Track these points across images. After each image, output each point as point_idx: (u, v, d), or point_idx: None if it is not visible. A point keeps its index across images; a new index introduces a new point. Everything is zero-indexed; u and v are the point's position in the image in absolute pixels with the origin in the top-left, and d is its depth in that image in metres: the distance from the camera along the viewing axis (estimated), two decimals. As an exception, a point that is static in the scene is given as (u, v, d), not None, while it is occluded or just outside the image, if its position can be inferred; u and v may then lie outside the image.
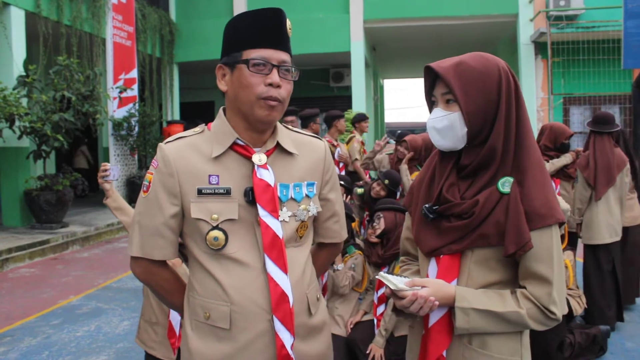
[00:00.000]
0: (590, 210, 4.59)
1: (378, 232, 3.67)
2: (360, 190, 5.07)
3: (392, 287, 1.51)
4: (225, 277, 1.54)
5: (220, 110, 1.65)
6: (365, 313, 3.76)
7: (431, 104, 1.65)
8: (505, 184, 1.52)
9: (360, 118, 8.05)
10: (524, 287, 1.52)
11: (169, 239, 1.58)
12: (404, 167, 5.13)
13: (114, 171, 2.96)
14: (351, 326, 3.67)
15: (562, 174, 5.12)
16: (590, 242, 4.60)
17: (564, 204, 3.48)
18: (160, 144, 1.60)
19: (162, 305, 2.89)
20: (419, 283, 1.52)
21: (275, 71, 1.53)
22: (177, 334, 2.85)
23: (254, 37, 1.53)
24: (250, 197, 1.54)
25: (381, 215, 3.70)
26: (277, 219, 1.55)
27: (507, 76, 1.55)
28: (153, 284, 1.66)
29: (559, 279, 1.50)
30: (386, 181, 4.68)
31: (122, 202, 2.98)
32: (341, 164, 7.10)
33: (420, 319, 1.63)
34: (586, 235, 4.61)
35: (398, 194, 4.99)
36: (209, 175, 1.55)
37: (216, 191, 1.54)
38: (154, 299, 2.91)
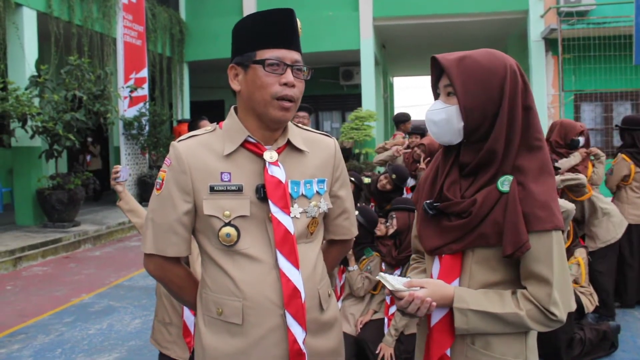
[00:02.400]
0: None
1: (390, 231, 3.66)
2: (367, 180, 5.08)
3: (390, 287, 1.51)
4: (238, 273, 1.55)
5: (232, 109, 1.67)
6: (375, 312, 3.76)
7: (436, 95, 1.65)
8: (505, 183, 1.50)
9: (404, 119, 8.30)
10: (526, 288, 1.51)
11: (182, 236, 1.60)
12: (422, 170, 5.15)
13: (123, 172, 2.98)
14: (361, 325, 3.68)
15: (570, 171, 5.10)
16: None
17: (567, 204, 3.47)
18: (173, 142, 1.62)
19: (175, 305, 2.91)
20: (417, 284, 1.52)
21: (289, 71, 1.55)
22: (192, 333, 2.86)
23: (268, 37, 1.55)
24: (261, 194, 1.55)
25: (394, 215, 3.69)
26: (289, 215, 1.57)
27: (515, 76, 1.52)
28: (166, 281, 1.68)
29: (560, 280, 1.48)
30: (393, 176, 4.68)
31: (134, 204, 3.00)
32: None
33: (425, 318, 1.63)
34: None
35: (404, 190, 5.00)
36: (221, 173, 1.56)
37: (228, 188, 1.56)
38: (167, 299, 2.93)
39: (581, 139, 4.93)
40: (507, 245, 1.46)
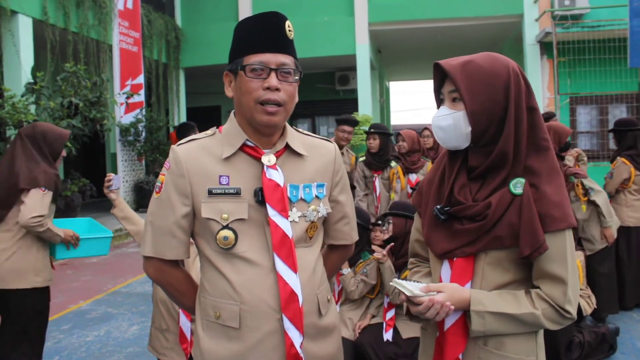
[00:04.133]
0: None
1: (386, 236, 3.65)
2: (362, 157, 5.62)
3: (407, 293, 1.52)
4: (235, 276, 1.56)
5: (232, 114, 1.67)
6: (373, 316, 3.75)
7: (440, 102, 1.65)
8: (517, 185, 1.52)
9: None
10: (538, 287, 1.52)
11: (181, 239, 1.61)
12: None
13: (115, 181, 2.99)
14: (359, 330, 3.67)
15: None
16: None
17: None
18: (172, 145, 1.63)
19: (171, 311, 2.91)
20: (434, 288, 1.52)
21: (273, 75, 1.54)
22: (189, 339, 2.86)
23: (252, 42, 1.56)
24: (259, 197, 1.56)
25: (390, 220, 3.68)
26: (287, 219, 1.57)
27: (517, 78, 1.54)
28: (165, 284, 1.69)
29: (573, 279, 1.51)
30: (372, 130, 5.36)
31: (128, 212, 3.00)
32: None
33: (434, 322, 1.63)
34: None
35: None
36: (220, 176, 1.57)
37: (226, 191, 1.56)
38: (163, 305, 2.93)
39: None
40: (524, 247, 1.48)
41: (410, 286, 1.53)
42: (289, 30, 1.58)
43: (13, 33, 8.96)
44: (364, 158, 5.56)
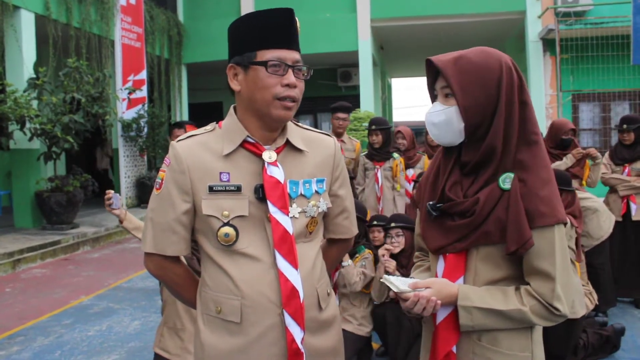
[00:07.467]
0: None
1: (397, 250, 3.67)
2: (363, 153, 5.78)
3: (395, 290, 1.53)
4: (237, 272, 1.56)
5: (231, 109, 1.67)
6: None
7: (434, 97, 1.66)
8: (506, 180, 1.52)
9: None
10: (529, 284, 1.53)
11: (181, 235, 1.61)
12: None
13: (115, 200, 3.03)
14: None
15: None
16: None
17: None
18: (172, 142, 1.62)
19: (189, 310, 2.88)
20: (422, 285, 1.54)
21: (290, 72, 1.55)
22: None
23: (268, 37, 1.55)
24: (260, 194, 1.56)
25: (401, 232, 3.71)
26: (287, 215, 1.57)
27: (510, 72, 1.54)
28: (167, 280, 1.69)
29: (563, 275, 1.50)
30: (373, 126, 5.43)
31: (138, 222, 3.07)
32: None
33: (430, 317, 1.64)
34: None
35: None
36: (220, 173, 1.57)
37: (227, 188, 1.56)
38: (180, 304, 2.89)
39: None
40: (510, 243, 1.48)
41: (398, 282, 1.55)
42: (298, 27, 1.60)
43: (15, 28, 8.97)
44: (366, 152, 5.71)
